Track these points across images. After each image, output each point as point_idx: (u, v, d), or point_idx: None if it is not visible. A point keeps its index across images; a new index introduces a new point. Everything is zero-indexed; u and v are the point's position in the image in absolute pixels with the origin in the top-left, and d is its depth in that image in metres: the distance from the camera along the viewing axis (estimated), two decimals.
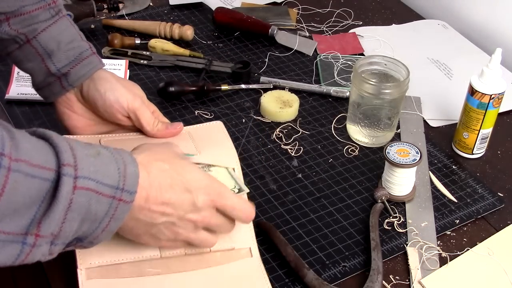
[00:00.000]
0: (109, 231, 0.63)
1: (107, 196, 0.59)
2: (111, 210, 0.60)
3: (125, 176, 0.61)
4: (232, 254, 0.78)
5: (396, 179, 0.90)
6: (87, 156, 0.59)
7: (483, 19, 1.32)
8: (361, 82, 0.97)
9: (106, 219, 0.61)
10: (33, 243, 0.57)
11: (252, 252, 0.78)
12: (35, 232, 0.56)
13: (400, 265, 0.84)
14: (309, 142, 1.03)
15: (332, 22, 1.33)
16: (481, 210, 0.92)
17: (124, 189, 0.61)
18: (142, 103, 0.83)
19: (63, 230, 0.58)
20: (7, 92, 1.07)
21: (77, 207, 0.58)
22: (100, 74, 0.83)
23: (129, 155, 0.64)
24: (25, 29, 0.80)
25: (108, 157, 0.61)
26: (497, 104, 0.96)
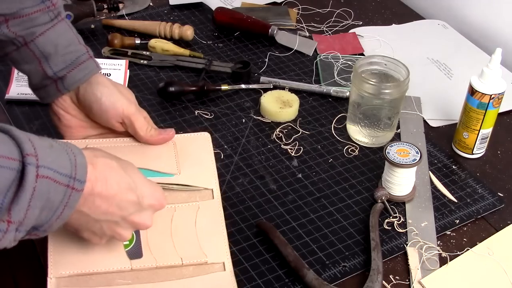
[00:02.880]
0: (62, 219, 0.64)
1: (63, 184, 0.61)
2: (65, 198, 0.62)
3: (76, 166, 0.63)
4: (205, 268, 0.78)
5: (396, 179, 0.90)
6: (43, 147, 0.61)
7: (483, 19, 1.32)
8: (361, 82, 0.97)
9: (61, 207, 0.62)
10: (5, 229, 0.59)
11: (225, 267, 0.79)
12: (6, 218, 0.58)
13: (400, 265, 0.84)
14: (309, 142, 1.03)
15: (332, 22, 1.33)
16: (481, 210, 0.92)
17: (76, 178, 0.62)
18: (137, 109, 0.84)
19: (27, 217, 0.59)
20: (7, 92, 1.07)
21: (39, 195, 0.59)
22: (97, 79, 0.84)
23: (76, 147, 0.65)
24: (24, 32, 0.80)
25: (60, 149, 0.63)
26: (497, 104, 0.96)
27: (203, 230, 0.80)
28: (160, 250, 0.78)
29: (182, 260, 0.78)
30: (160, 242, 0.79)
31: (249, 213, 0.89)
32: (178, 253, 0.78)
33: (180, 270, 0.78)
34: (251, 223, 0.88)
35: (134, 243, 0.78)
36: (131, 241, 0.78)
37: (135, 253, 0.78)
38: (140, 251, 0.78)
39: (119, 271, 0.76)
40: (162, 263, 0.77)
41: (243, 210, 0.90)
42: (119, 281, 0.76)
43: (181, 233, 0.80)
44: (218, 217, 0.82)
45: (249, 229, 0.87)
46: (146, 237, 0.79)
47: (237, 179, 0.95)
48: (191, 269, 0.78)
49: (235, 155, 0.99)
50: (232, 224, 0.87)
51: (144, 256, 0.78)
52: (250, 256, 0.83)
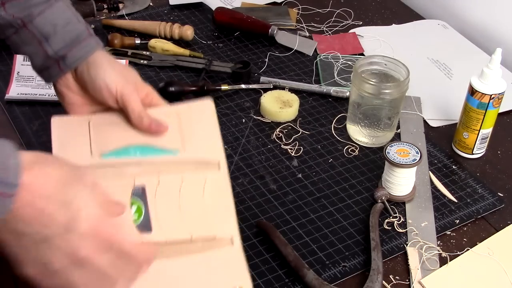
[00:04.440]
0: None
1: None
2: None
3: (6, 168, 0.56)
4: (213, 244, 0.76)
5: (396, 179, 0.90)
6: None
7: (483, 19, 1.32)
8: (361, 82, 0.97)
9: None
10: None
11: (233, 241, 0.76)
12: None
13: (400, 265, 0.84)
14: (309, 142, 1.03)
15: (332, 22, 1.33)
16: (481, 210, 0.92)
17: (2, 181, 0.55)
18: (134, 90, 0.80)
19: None
20: (7, 92, 1.07)
21: None
22: (95, 58, 0.81)
23: (9, 145, 0.58)
24: (21, 13, 0.79)
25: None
26: (497, 104, 0.96)
27: (210, 203, 0.78)
28: (169, 224, 0.75)
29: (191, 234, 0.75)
30: (168, 215, 0.75)
31: (249, 213, 0.89)
32: (187, 226, 0.75)
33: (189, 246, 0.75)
34: (251, 223, 0.88)
35: (144, 216, 0.75)
36: (139, 213, 0.75)
37: (144, 227, 0.74)
38: (149, 224, 0.74)
39: None
40: (172, 238, 0.75)
41: (243, 210, 0.90)
42: None
43: (189, 205, 0.77)
44: (226, 190, 0.79)
45: (249, 229, 0.87)
46: (155, 209, 0.75)
47: (237, 179, 0.95)
48: (200, 245, 0.75)
49: (235, 155, 0.99)
50: None
51: (154, 231, 0.74)
52: (250, 256, 0.83)
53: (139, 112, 0.79)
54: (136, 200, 0.75)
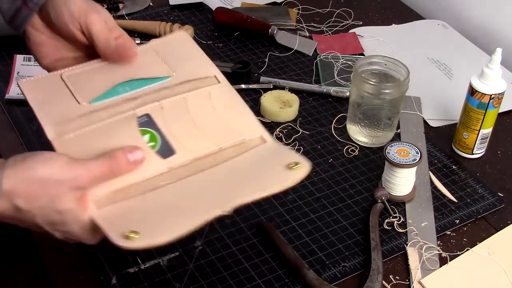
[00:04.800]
0: None
1: None
2: None
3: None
4: (245, 146, 0.72)
5: (396, 179, 0.90)
6: None
7: (483, 19, 1.32)
8: (361, 82, 0.97)
9: None
10: None
11: (265, 139, 0.73)
12: None
13: (400, 265, 0.84)
14: (309, 142, 1.03)
15: (332, 22, 1.33)
16: (481, 210, 0.92)
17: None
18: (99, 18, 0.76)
19: None
20: (7, 92, 1.07)
21: None
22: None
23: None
24: None
25: None
26: (497, 104, 0.96)
27: (224, 112, 0.74)
28: (191, 142, 0.71)
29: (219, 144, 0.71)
30: (187, 133, 0.72)
31: (249, 213, 0.89)
32: (211, 139, 0.72)
33: (221, 156, 0.71)
34: (251, 223, 0.88)
35: (161, 141, 0.71)
36: (155, 140, 0.71)
37: (166, 152, 0.70)
38: (170, 147, 0.71)
39: (158, 175, 0.69)
40: (199, 153, 0.71)
41: (243, 210, 0.89)
42: (161, 184, 0.68)
43: (204, 120, 0.73)
44: (234, 96, 0.76)
45: (249, 229, 0.87)
46: (170, 132, 0.72)
47: None
48: (231, 151, 0.72)
49: None
50: (232, 224, 0.87)
51: (178, 152, 0.71)
52: (250, 256, 0.83)
53: (104, 35, 0.76)
54: (146, 129, 0.71)
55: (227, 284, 0.79)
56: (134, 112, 0.72)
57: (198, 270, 0.81)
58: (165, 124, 0.72)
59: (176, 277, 0.80)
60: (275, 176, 0.68)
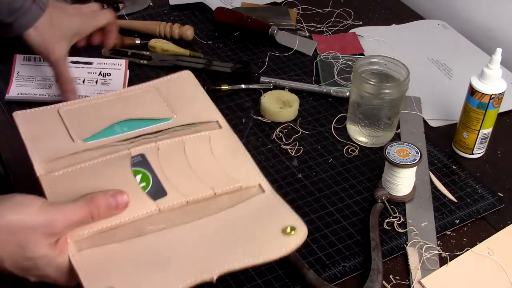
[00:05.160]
0: None
1: None
2: None
3: None
4: (241, 194, 0.69)
5: (396, 179, 0.90)
6: None
7: (483, 19, 1.32)
8: (361, 82, 0.97)
9: None
10: None
11: (263, 188, 0.69)
12: None
13: (400, 265, 0.84)
14: (309, 142, 1.03)
15: (332, 22, 1.33)
16: (481, 210, 0.92)
17: None
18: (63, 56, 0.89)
19: None
20: (7, 92, 1.07)
21: None
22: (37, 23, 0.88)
23: None
24: None
25: None
26: (497, 104, 0.96)
27: (222, 157, 0.71)
28: (185, 185, 0.68)
29: (214, 189, 0.68)
30: (182, 176, 0.69)
31: None
32: (206, 183, 0.68)
33: (215, 202, 0.68)
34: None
35: (152, 182, 0.68)
36: (147, 181, 0.68)
37: (157, 192, 0.68)
38: (162, 189, 0.68)
39: (146, 216, 0.66)
40: (192, 197, 0.67)
41: None
42: (150, 227, 0.65)
43: (200, 163, 0.70)
44: (235, 142, 0.73)
45: None
46: (164, 174, 0.69)
47: None
48: (226, 198, 0.68)
49: None
50: None
51: (170, 194, 0.67)
52: None
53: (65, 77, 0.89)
54: (138, 169, 0.69)
55: (227, 284, 0.79)
56: (128, 152, 0.70)
57: None
58: (159, 165, 0.69)
59: None
60: (270, 242, 0.65)
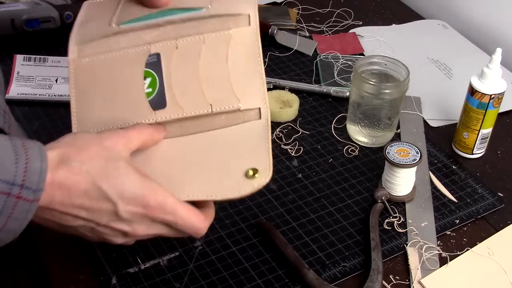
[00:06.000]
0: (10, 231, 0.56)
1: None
2: (7, 208, 0.54)
3: (26, 170, 0.54)
4: (238, 116, 0.69)
5: (396, 179, 0.90)
6: None
7: (483, 19, 1.32)
8: (361, 82, 0.97)
9: (2, 218, 0.54)
10: None
11: (261, 114, 0.69)
12: None
13: (400, 265, 0.84)
14: (309, 142, 1.03)
15: (332, 22, 1.33)
16: (481, 210, 0.92)
17: (25, 186, 0.54)
18: None
19: None
20: (7, 92, 1.07)
21: None
22: None
23: (38, 149, 0.56)
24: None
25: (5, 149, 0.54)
26: (497, 104, 0.96)
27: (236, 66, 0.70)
28: (186, 96, 0.69)
29: (212, 107, 0.68)
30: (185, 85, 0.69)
31: (249, 213, 0.89)
32: (207, 97, 0.69)
33: (212, 120, 0.69)
34: (251, 223, 0.88)
35: (158, 90, 0.69)
36: (153, 87, 0.69)
37: (158, 103, 0.68)
38: (164, 100, 0.69)
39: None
40: (189, 112, 0.68)
41: (243, 210, 0.90)
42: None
43: (211, 71, 0.70)
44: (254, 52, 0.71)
45: (249, 229, 0.87)
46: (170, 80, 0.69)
47: None
48: (223, 118, 0.69)
49: None
50: (232, 224, 0.87)
51: (168, 106, 0.68)
52: (250, 256, 0.83)
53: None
54: (150, 71, 0.70)
55: (227, 284, 0.79)
56: (147, 48, 0.71)
57: (198, 270, 0.81)
58: (169, 70, 0.70)
59: (176, 277, 0.80)
60: (231, 180, 0.66)
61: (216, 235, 0.85)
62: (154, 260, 0.81)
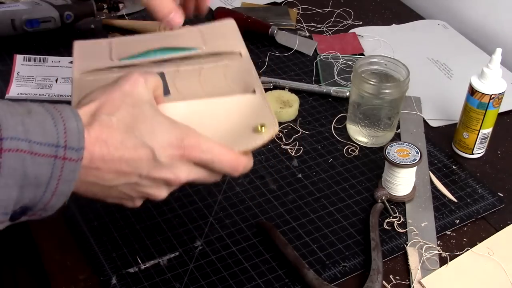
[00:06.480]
0: (62, 195, 0.56)
1: (46, 156, 0.53)
2: (56, 171, 0.54)
3: (66, 131, 0.55)
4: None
5: (396, 179, 0.90)
6: (13, 115, 0.53)
7: (483, 19, 1.32)
8: (361, 82, 0.97)
9: (53, 182, 0.54)
10: None
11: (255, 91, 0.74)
12: None
13: (400, 265, 0.84)
14: (309, 142, 1.03)
15: (332, 22, 1.33)
16: (481, 210, 0.92)
17: (68, 146, 0.54)
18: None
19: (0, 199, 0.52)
20: (7, 92, 1.07)
21: (9, 172, 0.51)
22: None
23: (70, 109, 0.57)
24: None
25: (42, 114, 0.55)
26: (497, 104, 0.96)
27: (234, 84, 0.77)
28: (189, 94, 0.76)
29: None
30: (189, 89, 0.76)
31: (249, 213, 0.89)
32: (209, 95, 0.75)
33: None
34: (251, 223, 0.88)
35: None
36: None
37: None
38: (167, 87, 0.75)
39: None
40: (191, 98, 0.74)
41: (243, 210, 0.90)
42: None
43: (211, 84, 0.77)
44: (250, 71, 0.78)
45: (249, 229, 0.87)
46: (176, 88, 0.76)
47: (237, 179, 0.95)
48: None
49: None
50: (232, 224, 0.87)
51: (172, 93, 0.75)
52: (250, 256, 0.83)
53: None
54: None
55: (227, 284, 0.79)
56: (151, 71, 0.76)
57: (198, 270, 0.81)
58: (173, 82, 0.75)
59: (176, 277, 0.80)
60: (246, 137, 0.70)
61: (216, 235, 0.85)
62: (154, 260, 0.81)
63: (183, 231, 0.85)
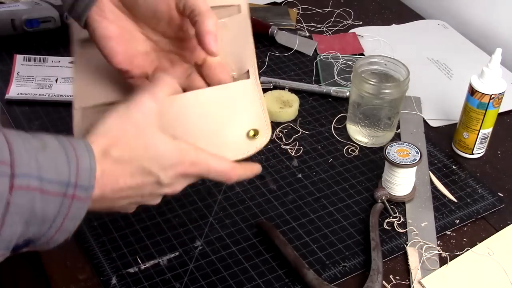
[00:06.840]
0: (66, 231, 0.56)
1: (55, 194, 0.53)
2: (64, 209, 0.54)
3: (78, 170, 0.55)
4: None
5: (396, 179, 0.90)
6: (27, 150, 0.52)
7: (483, 19, 1.32)
8: (361, 82, 0.97)
9: (59, 219, 0.54)
10: None
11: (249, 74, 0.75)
12: None
13: (400, 265, 0.84)
14: (309, 142, 1.03)
15: (332, 22, 1.33)
16: (481, 210, 0.92)
17: (78, 185, 0.54)
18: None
19: (3, 235, 0.51)
20: (7, 92, 1.07)
21: (17, 210, 0.51)
22: None
23: (84, 145, 0.57)
24: None
25: (56, 150, 0.54)
26: (497, 104, 0.96)
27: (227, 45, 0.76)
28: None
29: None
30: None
31: (249, 213, 0.89)
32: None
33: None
34: (251, 223, 0.88)
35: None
36: None
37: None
38: None
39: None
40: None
41: (243, 210, 0.90)
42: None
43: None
44: (247, 30, 0.78)
45: (249, 229, 0.87)
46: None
47: None
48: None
49: None
50: (232, 224, 0.87)
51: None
52: (250, 256, 0.83)
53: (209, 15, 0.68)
54: None
55: (227, 284, 0.79)
56: None
57: (198, 270, 0.81)
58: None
59: (176, 277, 0.80)
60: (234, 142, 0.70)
61: (216, 235, 0.85)
62: (154, 260, 0.81)
63: (183, 231, 0.85)
